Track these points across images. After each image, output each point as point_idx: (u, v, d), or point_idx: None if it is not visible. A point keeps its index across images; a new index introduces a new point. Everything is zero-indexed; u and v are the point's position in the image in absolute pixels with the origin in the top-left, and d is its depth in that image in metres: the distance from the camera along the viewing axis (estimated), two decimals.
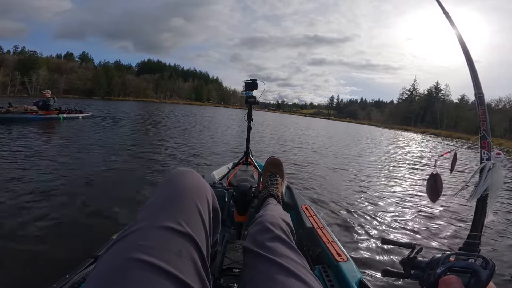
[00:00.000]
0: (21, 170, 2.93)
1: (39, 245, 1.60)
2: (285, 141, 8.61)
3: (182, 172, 0.56)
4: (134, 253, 0.35)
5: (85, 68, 59.88)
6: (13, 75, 44.26)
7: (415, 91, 69.60)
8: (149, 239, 0.38)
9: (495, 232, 2.04)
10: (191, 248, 0.41)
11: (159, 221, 0.42)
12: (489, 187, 0.40)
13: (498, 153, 0.42)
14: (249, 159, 1.95)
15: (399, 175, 4.72)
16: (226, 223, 1.18)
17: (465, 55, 0.59)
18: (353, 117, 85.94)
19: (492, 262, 0.34)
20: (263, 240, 0.58)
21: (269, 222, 0.64)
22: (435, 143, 18.95)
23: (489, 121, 0.49)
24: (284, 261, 0.51)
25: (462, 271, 0.35)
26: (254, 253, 0.56)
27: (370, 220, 2.40)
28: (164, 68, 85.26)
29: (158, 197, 0.48)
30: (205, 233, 0.46)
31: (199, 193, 0.51)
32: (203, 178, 0.58)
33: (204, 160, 4.50)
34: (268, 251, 0.54)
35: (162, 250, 0.37)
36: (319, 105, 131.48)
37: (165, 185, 0.52)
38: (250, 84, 1.81)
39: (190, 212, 0.46)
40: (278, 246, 0.56)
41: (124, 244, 0.38)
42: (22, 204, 2.07)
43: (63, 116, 8.07)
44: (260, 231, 0.62)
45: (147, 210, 0.45)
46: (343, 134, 15.71)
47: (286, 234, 0.62)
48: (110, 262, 0.35)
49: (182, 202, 0.47)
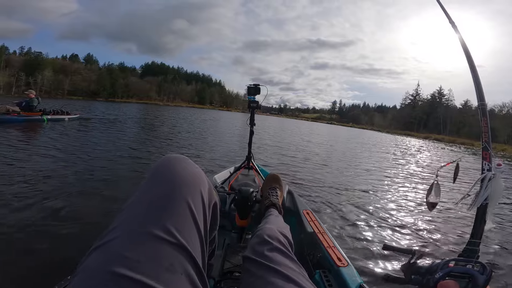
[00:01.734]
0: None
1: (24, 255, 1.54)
2: (287, 151, 8.59)
3: (171, 160, 0.47)
4: (117, 267, 0.30)
5: (89, 69, 60.52)
6: (18, 75, 44.80)
7: (418, 96, 69.58)
8: (134, 250, 0.32)
9: (496, 239, 2.06)
10: (184, 260, 0.35)
11: (146, 226, 0.35)
12: (489, 196, 0.40)
13: (499, 164, 0.44)
14: (251, 163, 1.96)
15: (402, 182, 4.69)
16: (227, 227, 1.19)
17: (470, 66, 0.61)
18: (355, 122, 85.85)
19: (489, 268, 0.36)
20: (262, 250, 0.59)
21: (267, 235, 0.65)
22: (438, 149, 18.84)
23: (490, 127, 0.51)
24: (283, 269, 0.52)
25: (460, 276, 0.36)
26: (254, 261, 0.56)
27: (371, 226, 2.40)
28: (167, 71, 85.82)
29: (143, 195, 0.41)
30: (199, 239, 0.40)
31: (192, 188, 0.44)
32: (198, 166, 0.50)
33: (204, 162, 4.50)
34: (267, 259, 0.55)
35: (151, 265, 0.32)
36: (321, 109, 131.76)
37: (150, 179, 0.43)
38: (253, 89, 1.81)
39: (181, 214, 0.39)
40: (276, 255, 0.57)
41: (105, 254, 0.32)
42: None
43: (47, 118, 7.63)
44: (259, 243, 0.62)
45: (130, 211, 0.38)
46: (345, 141, 15.67)
47: (284, 245, 0.63)
48: (90, 278, 0.30)
49: (172, 202, 0.40)
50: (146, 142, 6.26)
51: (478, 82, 0.57)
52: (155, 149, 5.27)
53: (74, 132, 6.50)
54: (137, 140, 6.37)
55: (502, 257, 1.85)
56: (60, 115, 8.42)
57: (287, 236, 0.70)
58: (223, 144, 7.33)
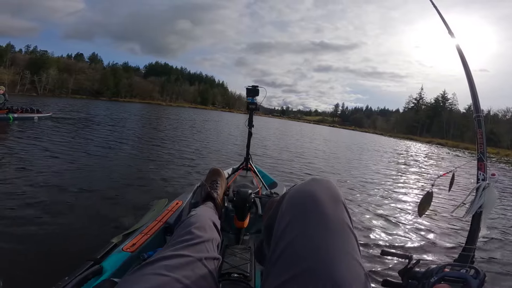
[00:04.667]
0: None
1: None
2: (289, 161, 8.58)
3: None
4: (159, 270, 0.48)
5: (93, 69, 60.93)
6: (23, 74, 45.14)
7: (421, 100, 69.20)
8: (172, 262, 0.51)
9: (491, 245, 2.06)
10: (202, 268, 0.54)
11: (179, 250, 0.56)
12: (483, 205, 0.42)
13: (493, 174, 0.46)
14: (249, 165, 1.96)
15: (400, 188, 4.67)
16: (226, 228, 1.19)
17: (467, 79, 0.62)
18: (358, 125, 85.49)
19: (483, 273, 0.37)
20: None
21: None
22: (442, 154, 18.74)
23: (494, 132, 0.51)
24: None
25: (454, 280, 0.37)
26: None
27: (369, 231, 2.42)
28: (170, 71, 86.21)
29: (181, 231, 0.66)
30: (213, 255, 0.60)
31: (209, 231, 0.70)
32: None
33: (203, 165, 4.52)
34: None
35: (180, 269, 0.50)
36: (323, 112, 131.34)
37: (184, 226, 0.70)
38: (251, 90, 1.82)
39: (202, 245, 0.61)
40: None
41: (152, 265, 0.50)
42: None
43: (13, 116, 7.14)
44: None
45: (172, 241, 0.63)
46: (348, 147, 15.66)
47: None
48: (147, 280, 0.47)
49: (196, 238, 0.62)
50: (120, 145, 6.01)
51: (475, 94, 0.58)
52: (121, 156, 4.56)
53: (40, 134, 5.78)
54: (111, 142, 5.74)
55: (496, 262, 1.87)
56: (29, 113, 7.88)
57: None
58: (226, 145, 7.35)
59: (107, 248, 0.90)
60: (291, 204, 0.50)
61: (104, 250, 0.88)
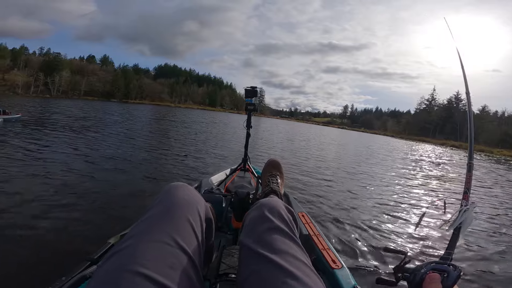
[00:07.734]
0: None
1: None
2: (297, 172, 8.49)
3: (175, 187, 0.60)
4: (132, 266, 0.39)
5: (105, 70, 62.31)
6: (37, 75, 46.40)
7: (433, 100, 67.68)
8: (144, 253, 0.42)
9: (465, 250, 2.41)
10: (184, 260, 0.44)
11: (154, 235, 0.46)
12: (462, 222, 0.58)
13: (473, 202, 0.62)
14: (247, 165, 1.95)
15: (400, 193, 4.56)
16: (223, 229, 1.18)
17: (467, 114, 0.72)
18: (367, 127, 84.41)
19: (459, 268, 0.48)
20: (260, 231, 0.54)
21: (268, 209, 0.60)
22: (458, 156, 18.28)
23: (507, 133, 0.54)
24: (282, 258, 0.47)
25: (439, 271, 0.48)
26: (249, 249, 0.52)
27: (365, 230, 2.56)
28: (179, 73, 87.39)
29: (153, 212, 0.52)
30: (197, 244, 0.50)
31: (190, 207, 0.55)
32: (196, 190, 0.62)
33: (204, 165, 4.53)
34: (264, 246, 0.50)
35: (158, 263, 0.41)
36: (332, 113, 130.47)
37: (159, 201, 0.56)
38: (250, 91, 1.82)
39: (182, 226, 0.50)
40: (276, 239, 0.52)
41: (121, 256, 0.42)
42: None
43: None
44: (258, 219, 0.58)
45: (142, 224, 0.49)
46: (356, 152, 15.51)
47: (286, 224, 0.57)
48: (108, 273, 0.39)
49: (175, 217, 0.51)
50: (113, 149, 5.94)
51: (472, 140, 0.69)
52: (121, 155, 4.46)
53: (10, 136, 5.24)
54: (111, 142, 5.70)
55: (468, 260, 2.23)
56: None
57: (292, 211, 0.64)
58: (229, 146, 7.36)
59: (104, 248, 0.90)
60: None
61: (101, 251, 0.88)
